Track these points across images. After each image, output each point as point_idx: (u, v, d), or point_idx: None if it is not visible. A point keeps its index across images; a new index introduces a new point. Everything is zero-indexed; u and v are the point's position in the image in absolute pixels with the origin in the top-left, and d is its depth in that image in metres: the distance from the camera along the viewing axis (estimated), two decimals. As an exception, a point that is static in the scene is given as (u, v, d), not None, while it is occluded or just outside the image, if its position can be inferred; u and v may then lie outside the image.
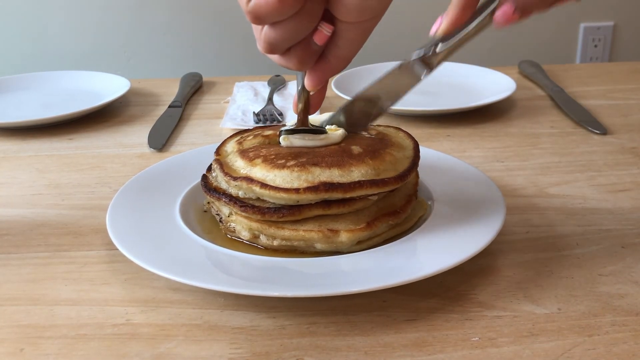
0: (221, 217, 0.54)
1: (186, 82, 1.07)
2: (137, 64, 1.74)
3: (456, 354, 0.41)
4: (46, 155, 0.79)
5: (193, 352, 0.42)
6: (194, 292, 0.48)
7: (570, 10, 1.78)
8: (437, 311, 0.46)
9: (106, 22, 1.69)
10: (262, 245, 0.52)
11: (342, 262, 0.48)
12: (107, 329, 0.45)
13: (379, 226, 0.50)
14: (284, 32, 0.42)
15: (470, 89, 1.00)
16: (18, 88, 1.05)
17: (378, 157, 0.52)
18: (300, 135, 0.54)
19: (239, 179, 0.51)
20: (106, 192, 0.67)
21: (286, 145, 0.54)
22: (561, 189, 0.66)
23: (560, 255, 0.53)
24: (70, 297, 0.49)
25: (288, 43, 0.43)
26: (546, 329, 0.43)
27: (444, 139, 0.81)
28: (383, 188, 0.50)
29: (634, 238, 0.55)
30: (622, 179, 0.68)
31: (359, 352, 0.42)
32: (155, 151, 0.79)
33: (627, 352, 0.41)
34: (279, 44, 0.43)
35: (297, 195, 0.48)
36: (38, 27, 1.70)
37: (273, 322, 0.45)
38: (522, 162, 0.73)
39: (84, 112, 0.89)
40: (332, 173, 0.49)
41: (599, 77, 1.09)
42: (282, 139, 0.54)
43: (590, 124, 0.84)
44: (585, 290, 0.48)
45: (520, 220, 0.59)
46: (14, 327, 0.45)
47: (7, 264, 0.53)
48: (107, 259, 0.54)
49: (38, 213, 0.63)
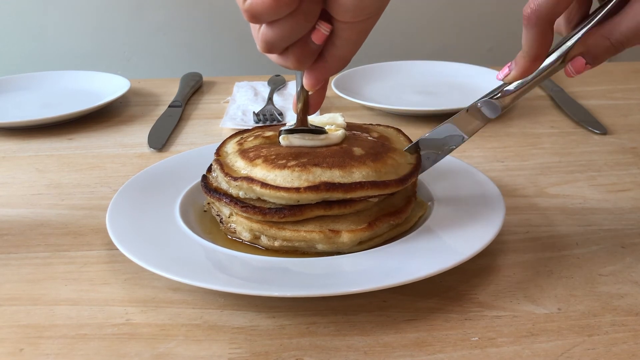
0: (222, 217, 0.54)
1: (186, 82, 1.07)
2: (137, 63, 1.74)
3: (456, 354, 0.41)
4: (46, 155, 0.79)
5: (193, 352, 0.42)
6: (193, 292, 0.48)
7: (570, 10, 1.78)
8: (436, 311, 0.46)
9: (106, 22, 1.69)
10: (263, 246, 0.52)
11: (341, 262, 0.48)
12: (107, 328, 0.45)
13: (380, 226, 0.51)
14: (281, 31, 0.42)
15: (470, 89, 1.00)
16: (18, 88, 1.05)
17: (380, 160, 0.52)
18: (300, 135, 0.54)
19: (239, 179, 0.51)
20: (106, 192, 0.67)
21: (286, 144, 0.54)
22: (561, 189, 0.66)
23: (560, 255, 0.53)
24: (70, 297, 0.49)
25: (285, 42, 0.43)
26: (546, 329, 0.43)
27: (444, 139, 0.81)
28: (384, 190, 0.50)
29: (634, 238, 0.55)
30: (622, 179, 0.68)
31: (359, 352, 0.42)
32: (155, 151, 0.79)
33: (627, 352, 0.41)
34: (276, 43, 0.43)
35: (298, 194, 0.48)
36: (38, 27, 1.70)
37: (273, 322, 0.45)
38: (522, 162, 0.73)
39: (84, 112, 0.89)
40: (333, 173, 0.49)
41: (599, 77, 1.09)
42: (282, 138, 0.54)
43: (591, 124, 0.84)
44: (585, 290, 0.48)
45: (520, 220, 0.59)
46: (13, 327, 0.45)
47: (7, 264, 0.53)
48: (107, 259, 0.54)
49: (38, 213, 0.63)
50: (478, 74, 1.05)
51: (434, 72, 1.08)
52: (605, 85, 1.04)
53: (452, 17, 1.76)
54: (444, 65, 1.10)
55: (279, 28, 0.42)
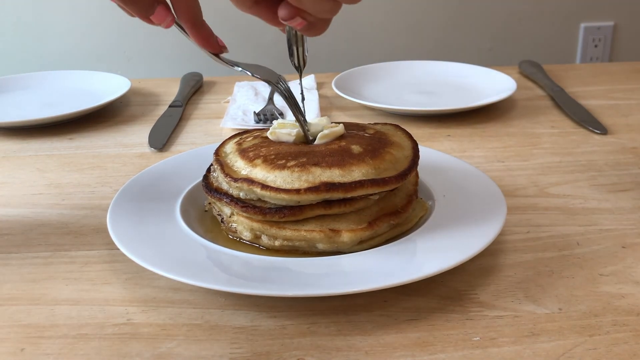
0: (222, 217, 0.54)
1: (186, 81, 1.07)
2: (137, 63, 1.74)
3: (457, 354, 0.41)
4: (46, 155, 0.79)
5: (194, 352, 0.42)
6: (194, 291, 0.48)
7: (570, 10, 1.78)
8: (438, 311, 0.46)
9: (106, 22, 1.69)
10: (264, 246, 0.52)
11: (342, 262, 0.48)
12: (108, 328, 0.45)
13: (380, 226, 0.50)
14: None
15: (470, 89, 1.00)
16: (18, 88, 1.05)
17: (378, 156, 0.52)
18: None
19: (239, 180, 0.51)
20: (107, 191, 0.67)
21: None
22: (562, 188, 0.66)
23: (561, 255, 0.53)
24: (70, 296, 0.49)
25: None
26: (547, 329, 0.43)
27: (444, 138, 0.81)
28: (384, 187, 0.50)
29: (635, 238, 0.55)
30: (622, 179, 0.68)
31: (360, 352, 0.42)
32: (155, 151, 0.79)
33: (628, 352, 0.41)
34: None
35: (298, 196, 0.48)
36: (38, 27, 1.70)
37: (274, 321, 0.45)
38: (522, 162, 0.73)
39: (84, 112, 0.89)
40: (332, 173, 0.49)
41: (599, 77, 1.09)
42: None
43: (591, 124, 0.84)
44: (586, 290, 0.48)
45: (520, 220, 0.59)
46: (14, 326, 0.45)
47: (7, 264, 0.53)
48: (108, 258, 0.54)
49: (38, 213, 0.63)
50: (478, 74, 1.05)
51: (434, 72, 1.08)
52: (606, 85, 1.04)
53: (452, 17, 1.76)
54: (444, 65, 1.10)
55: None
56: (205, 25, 0.50)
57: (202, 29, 0.50)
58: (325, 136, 0.54)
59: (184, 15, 0.49)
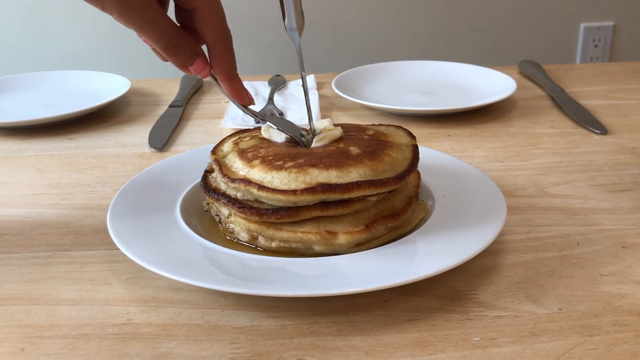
0: (220, 218, 0.54)
1: (186, 81, 1.07)
2: (137, 63, 1.74)
3: (457, 354, 0.41)
4: (47, 155, 0.79)
5: (194, 352, 0.42)
6: (194, 291, 0.48)
7: (570, 10, 1.78)
8: (438, 311, 0.46)
9: (106, 22, 1.68)
10: (261, 247, 0.52)
11: (343, 262, 0.48)
12: (108, 328, 0.45)
13: (377, 228, 0.50)
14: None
15: (470, 89, 1.00)
16: (18, 88, 1.05)
17: (376, 158, 0.52)
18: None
19: (237, 181, 0.51)
20: (107, 191, 0.67)
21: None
22: (562, 188, 0.66)
23: (561, 255, 0.53)
24: (71, 296, 0.49)
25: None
26: (547, 329, 0.43)
27: (444, 139, 0.81)
28: (381, 188, 0.50)
29: (635, 238, 0.55)
30: (622, 179, 0.68)
31: (360, 352, 0.42)
32: (155, 151, 0.79)
33: (628, 352, 0.41)
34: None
35: (295, 196, 0.48)
36: (38, 27, 1.70)
37: (274, 322, 0.45)
38: (522, 162, 0.73)
39: (84, 112, 0.89)
40: (329, 174, 0.49)
41: (599, 77, 1.09)
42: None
43: (591, 124, 0.84)
44: (586, 290, 0.48)
45: (521, 220, 0.59)
46: (14, 326, 0.45)
47: (7, 264, 0.53)
48: (108, 258, 0.54)
49: (38, 213, 0.63)
50: (478, 73, 1.05)
51: (434, 72, 1.08)
52: (606, 85, 1.04)
53: (453, 17, 1.76)
54: (444, 65, 1.10)
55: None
56: (239, 78, 0.53)
57: (236, 82, 0.52)
58: (322, 139, 0.54)
59: (220, 69, 0.51)
